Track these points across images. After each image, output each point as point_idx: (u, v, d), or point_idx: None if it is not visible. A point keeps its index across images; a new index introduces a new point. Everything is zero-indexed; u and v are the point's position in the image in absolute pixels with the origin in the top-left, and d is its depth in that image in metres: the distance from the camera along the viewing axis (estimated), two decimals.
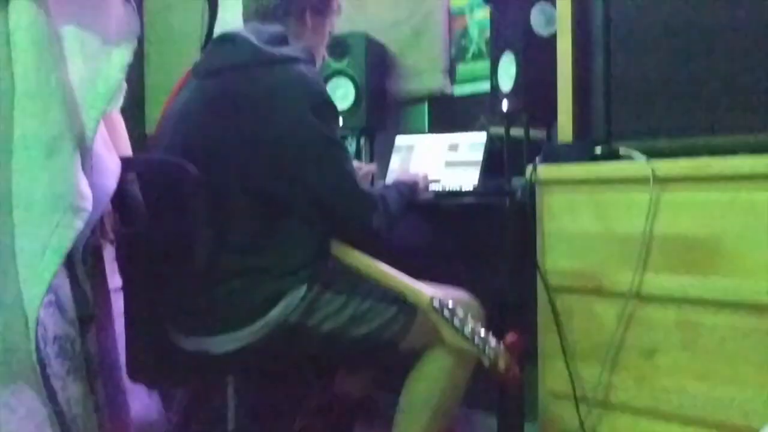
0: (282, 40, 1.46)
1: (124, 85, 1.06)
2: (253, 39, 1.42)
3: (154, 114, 3.14)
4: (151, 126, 3.19)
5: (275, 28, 1.48)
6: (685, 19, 1.40)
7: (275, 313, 1.35)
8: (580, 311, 1.46)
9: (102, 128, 1.20)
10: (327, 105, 1.42)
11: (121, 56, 1.04)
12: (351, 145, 2.44)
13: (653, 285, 1.35)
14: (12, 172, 1.00)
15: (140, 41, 3.18)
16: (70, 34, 1.03)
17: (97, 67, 1.03)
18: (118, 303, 1.47)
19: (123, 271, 1.44)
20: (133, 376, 1.42)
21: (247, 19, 1.57)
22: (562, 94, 1.56)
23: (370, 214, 1.45)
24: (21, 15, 1.00)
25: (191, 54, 2.98)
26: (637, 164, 1.36)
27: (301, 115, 1.37)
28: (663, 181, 1.33)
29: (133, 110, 1.05)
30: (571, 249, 1.46)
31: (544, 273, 1.49)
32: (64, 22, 1.02)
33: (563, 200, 1.47)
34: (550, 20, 1.73)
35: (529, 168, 1.50)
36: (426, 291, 1.38)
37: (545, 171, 1.49)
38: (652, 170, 1.33)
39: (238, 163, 1.37)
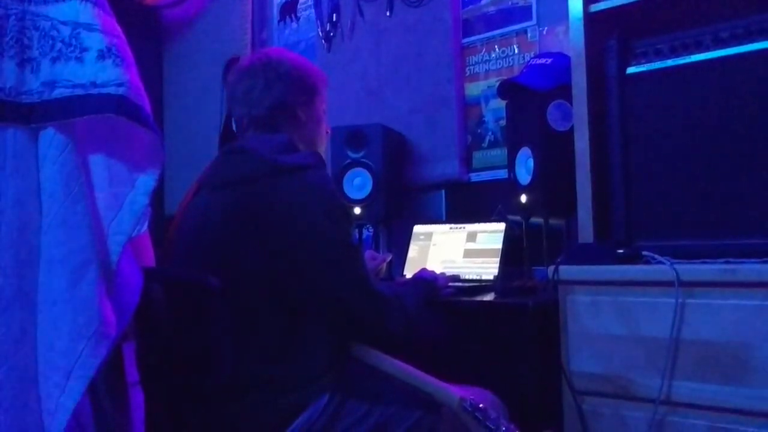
0: (290, 148, 1.48)
1: (149, 210, 1.07)
2: (262, 149, 1.44)
3: (173, 196, 3.18)
4: (169, 208, 3.23)
5: (281, 137, 1.51)
6: (708, 113, 1.41)
7: (298, 424, 1.33)
8: (607, 415, 1.43)
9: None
10: (339, 209, 1.43)
11: (146, 182, 1.06)
12: (368, 232, 2.45)
13: (682, 392, 1.32)
14: (37, 300, 1.01)
15: (160, 124, 3.25)
16: (97, 162, 1.05)
17: (122, 194, 1.05)
18: (135, 398, 1.45)
19: (144, 379, 1.42)
20: None
21: (242, 131, 1.58)
22: (581, 192, 1.56)
23: (387, 317, 1.43)
24: (50, 144, 1.02)
25: (209, 140, 3.06)
26: (661, 268, 1.35)
27: (315, 222, 1.38)
28: (688, 285, 1.31)
29: (153, 193, 1.07)
30: (596, 351, 1.43)
31: (568, 375, 1.47)
32: (91, 151, 1.04)
33: (586, 301, 1.45)
34: (567, 116, 1.75)
35: (551, 268, 1.49)
36: (455, 392, 1.36)
37: (567, 272, 1.48)
38: (677, 274, 1.31)
39: (257, 273, 1.37)
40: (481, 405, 1.34)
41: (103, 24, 1.03)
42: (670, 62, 1.45)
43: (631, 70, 1.51)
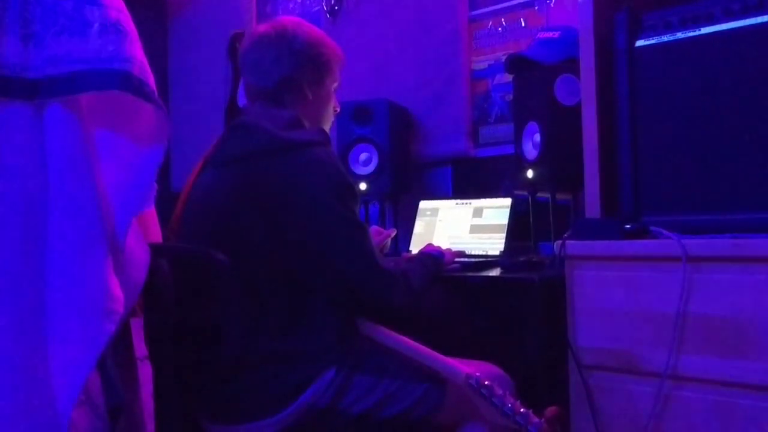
0: (296, 124, 1.48)
1: (155, 186, 1.07)
2: (267, 125, 1.43)
3: (179, 171, 3.18)
4: (176, 184, 3.24)
5: (288, 113, 1.50)
6: (717, 86, 1.38)
7: (305, 398, 1.34)
8: (614, 390, 1.43)
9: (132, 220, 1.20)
10: (345, 187, 1.42)
11: (152, 158, 1.05)
12: (375, 208, 2.44)
13: (689, 366, 1.32)
14: (44, 277, 1.01)
15: (165, 99, 3.24)
16: (102, 138, 1.04)
17: (128, 170, 1.04)
18: (143, 372, 1.47)
19: (152, 354, 1.43)
20: None
21: (251, 100, 1.58)
22: (588, 167, 1.55)
23: (392, 293, 1.44)
24: (55, 120, 1.01)
25: (215, 115, 3.05)
26: (669, 243, 1.34)
27: (321, 200, 1.38)
28: (696, 260, 1.31)
29: (159, 168, 1.07)
30: (603, 326, 1.43)
31: (575, 350, 1.47)
32: (96, 127, 1.04)
33: (593, 276, 1.45)
34: (574, 90, 1.73)
35: (558, 243, 1.49)
36: (461, 368, 1.37)
37: (574, 247, 1.47)
38: (684, 249, 1.31)
39: (263, 249, 1.37)
40: (486, 382, 1.35)
41: None
42: (679, 35, 1.43)
43: (640, 43, 1.49)
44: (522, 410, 1.33)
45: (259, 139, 1.42)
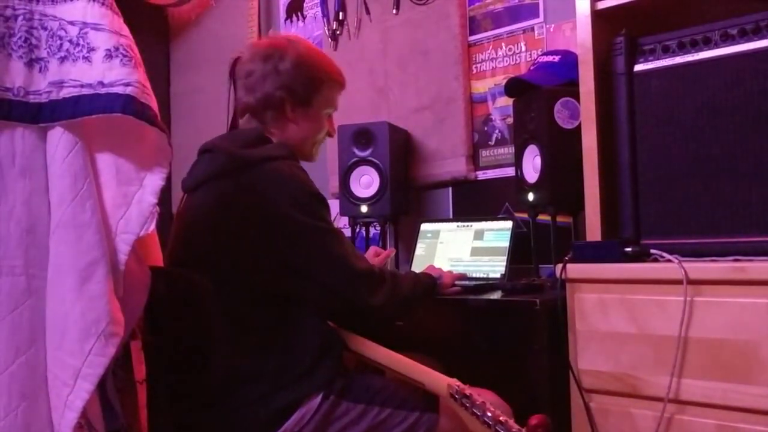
0: (258, 140, 1.48)
1: (157, 209, 1.07)
2: (226, 145, 1.45)
3: (179, 196, 3.18)
4: (177, 207, 3.24)
5: (251, 131, 1.51)
6: (716, 110, 1.39)
7: (289, 424, 1.33)
8: (615, 414, 1.42)
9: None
10: (306, 196, 1.40)
11: (154, 181, 1.06)
12: (376, 230, 2.44)
13: (691, 390, 1.31)
14: (45, 298, 1.01)
15: (167, 122, 3.24)
16: (105, 160, 1.05)
17: (130, 193, 1.05)
18: (140, 396, 1.46)
19: (149, 376, 1.43)
20: None
21: (240, 114, 1.59)
22: (588, 190, 1.55)
23: (371, 291, 1.42)
24: (58, 144, 1.02)
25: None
26: (669, 266, 1.34)
27: (282, 213, 1.36)
28: (697, 283, 1.31)
29: (161, 192, 1.08)
30: (604, 349, 1.43)
31: (576, 373, 1.46)
32: (99, 150, 1.05)
33: (594, 299, 1.45)
34: (574, 114, 1.74)
35: (559, 267, 1.49)
36: (444, 378, 1.36)
37: (575, 270, 1.47)
38: (685, 273, 1.31)
39: (236, 267, 1.37)
40: (467, 392, 1.33)
41: (111, 23, 1.03)
42: (678, 59, 1.44)
43: (638, 67, 1.50)
44: (501, 419, 1.31)
45: (220, 160, 1.44)
